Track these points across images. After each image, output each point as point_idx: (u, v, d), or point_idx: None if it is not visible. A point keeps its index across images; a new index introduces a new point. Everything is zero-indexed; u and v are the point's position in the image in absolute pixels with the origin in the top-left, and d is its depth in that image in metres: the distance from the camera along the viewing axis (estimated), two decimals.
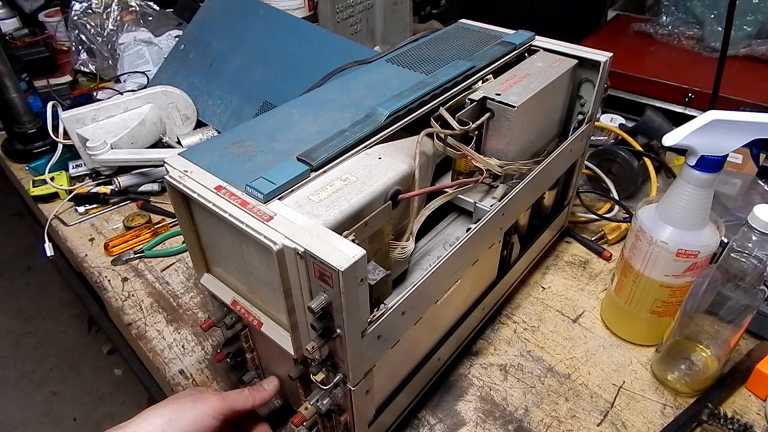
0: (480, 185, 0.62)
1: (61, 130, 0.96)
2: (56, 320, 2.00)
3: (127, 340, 0.80)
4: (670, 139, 0.54)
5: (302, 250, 0.39)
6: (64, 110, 0.95)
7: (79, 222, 0.92)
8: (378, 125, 0.53)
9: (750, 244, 0.53)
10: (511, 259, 0.71)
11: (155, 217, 0.91)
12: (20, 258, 2.26)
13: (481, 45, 0.70)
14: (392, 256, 0.52)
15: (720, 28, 1.47)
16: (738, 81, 1.30)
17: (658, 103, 1.40)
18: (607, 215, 0.87)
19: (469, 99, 0.60)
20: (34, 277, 2.18)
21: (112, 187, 0.93)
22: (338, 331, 0.42)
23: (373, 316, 0.45)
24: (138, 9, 1.29)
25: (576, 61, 0.69)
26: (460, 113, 0.58)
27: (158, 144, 1.00)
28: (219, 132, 1.02)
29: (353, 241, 0.41)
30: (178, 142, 1.00)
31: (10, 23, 1.38)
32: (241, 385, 0.63)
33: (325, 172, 0.48)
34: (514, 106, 0.58)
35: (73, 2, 1.26)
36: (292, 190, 0.46)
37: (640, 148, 0.91)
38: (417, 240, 0.56)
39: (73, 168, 0.98)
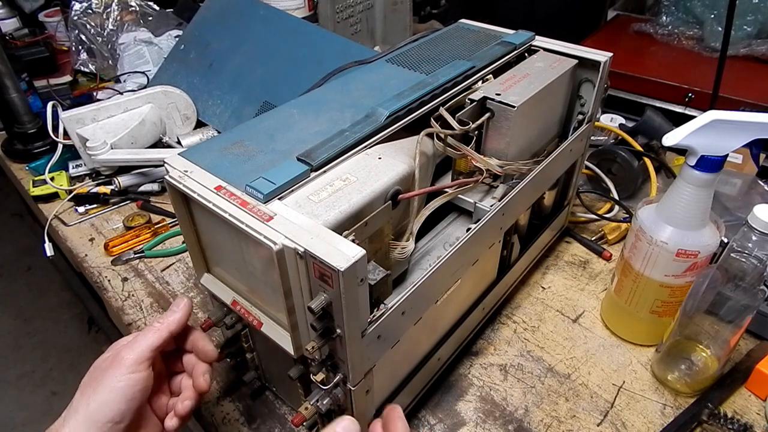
0: (480, 185, 0.62)
1: (61, 130, 0.96)
2: (56, 320, 2.00)
3: None
4: (670, 139, 0.54)
5: (302, 250, 0.39)
6: (64, 110, 0.95)
7: (79, 222, 0.92)
8: (378, 125, 0.53)
9: (750, 244, 0.53)
10: (511, 259, 0.71)
11: (155, 217, 0.91)
12: (20, 258, 2.26)
13: (481, 45, 0.70)
14: (392, 256, 0.52)
15: (720, 28, 1.47)
16: (738, 81, 1.30)
17: (658, 103, 1.40)
18: (607, 215, 0.87)
19: (469, 99, 0.60)
20: (34, 277, 2.18)
21: (112, 187, 0.93)
22: (338, 331, 0.42)
23: (373, 316, 0.45)
24: (138, 9, 1.29)
25: (576, 61, 0.69)
26: (460, 113, 0.58)
27: (158, 144, 1.00)
28: (219, 132, 1.02)
29: (353, 241, 0.41)
30: (178, 142, 1.00)
31: (10, 23, 1.38)
32: (242, 386, 0.63)
33: (325, 172, 0.48)
34: (514, 106, 0.58)
35: (73, 2, 1.26)
36: (292, 190, 0.46)
37: (640, 148, 0.90)
38: (417, 240, 0.56)
39: (73, 168, 0.98)
